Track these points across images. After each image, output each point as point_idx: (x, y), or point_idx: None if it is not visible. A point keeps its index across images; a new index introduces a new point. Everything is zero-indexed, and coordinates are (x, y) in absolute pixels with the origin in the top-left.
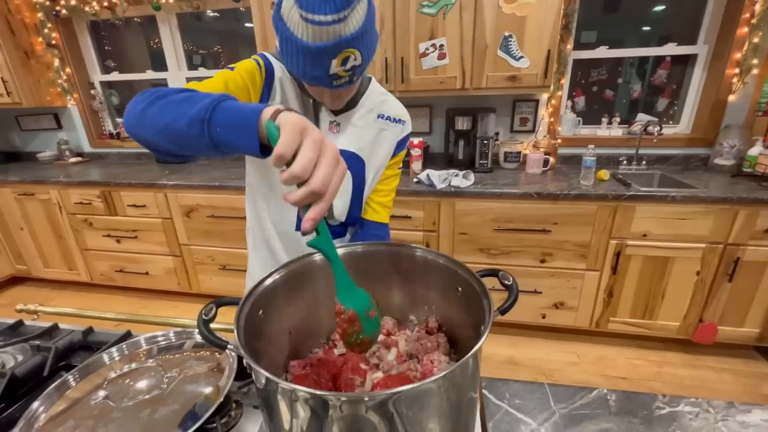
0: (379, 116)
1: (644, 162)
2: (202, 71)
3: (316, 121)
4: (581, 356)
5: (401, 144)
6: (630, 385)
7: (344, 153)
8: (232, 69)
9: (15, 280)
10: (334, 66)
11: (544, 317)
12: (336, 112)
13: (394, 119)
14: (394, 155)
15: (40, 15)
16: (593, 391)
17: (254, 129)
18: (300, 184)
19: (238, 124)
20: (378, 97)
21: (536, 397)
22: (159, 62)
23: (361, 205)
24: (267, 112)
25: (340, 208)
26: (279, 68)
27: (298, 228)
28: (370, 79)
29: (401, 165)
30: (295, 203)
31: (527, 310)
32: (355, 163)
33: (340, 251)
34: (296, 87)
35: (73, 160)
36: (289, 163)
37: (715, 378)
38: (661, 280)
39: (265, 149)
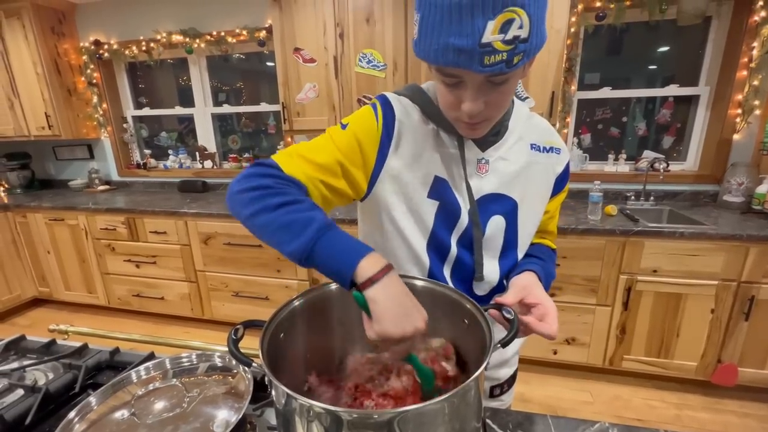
0: (532, 146)
1: (652, 198)
2: (226, 107)
3: (463, 162)
4: (595, 395)
5: (563, 179)
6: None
7: (493, 198)
8: (344, 127)
9: (36, 302)
10: (490, 31)
11: (555, 353)
12: (483, 147)
13: (548, 148)
14: (555, 194)
15: (84, 57)
16: (595, 425)
17: (347, 278)
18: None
19: (333, 269)
20: (525, 120)
21: (539, 429)
22: (186, 98)
23: (515, 260)
24: (361, 272)
25: (490, 270)
26: (401, 109)
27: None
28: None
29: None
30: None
31: (538, 346)
32: (506, 207)
33: None
34: (424, 122)
35: (102, 187)
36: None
37: (739, 423)
38: (675, 317)
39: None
